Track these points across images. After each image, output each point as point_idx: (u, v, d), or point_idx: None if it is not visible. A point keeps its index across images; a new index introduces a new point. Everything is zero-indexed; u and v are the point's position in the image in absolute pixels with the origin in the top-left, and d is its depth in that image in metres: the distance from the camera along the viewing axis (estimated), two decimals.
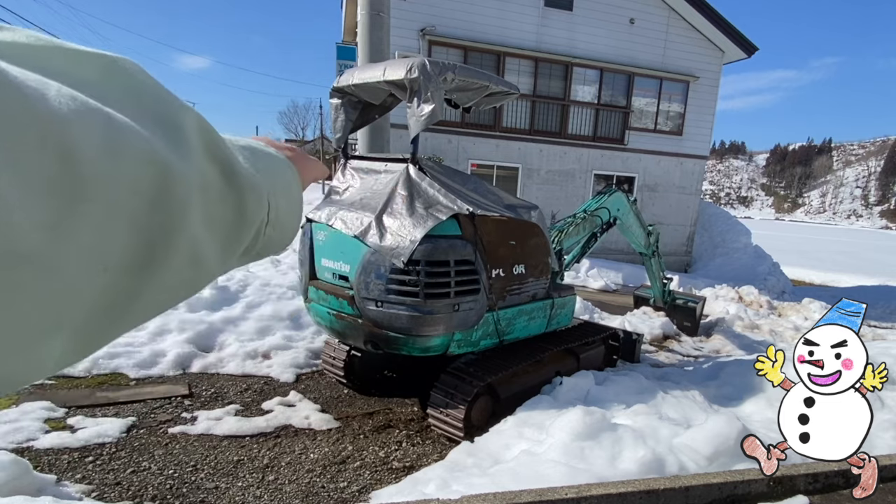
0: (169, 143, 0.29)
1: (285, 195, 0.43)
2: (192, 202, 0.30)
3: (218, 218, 0.34)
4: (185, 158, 0.30)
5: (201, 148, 0.32)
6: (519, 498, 2.25)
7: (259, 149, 0.42)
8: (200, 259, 0.32)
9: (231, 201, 0.35)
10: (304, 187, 0.50)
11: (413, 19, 10.41)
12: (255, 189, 0.37)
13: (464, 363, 3.38)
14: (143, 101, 0.30)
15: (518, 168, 11.86)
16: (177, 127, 0.31)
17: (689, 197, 13.31)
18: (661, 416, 3.14)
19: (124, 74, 0.30)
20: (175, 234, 0.29)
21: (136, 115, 0.28)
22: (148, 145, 0.27)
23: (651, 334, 6.03)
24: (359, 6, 5.27)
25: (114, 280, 0.26)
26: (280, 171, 0.44)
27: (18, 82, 0.22)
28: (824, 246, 32.26)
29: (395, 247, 2.91)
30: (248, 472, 2.79)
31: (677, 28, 12.22)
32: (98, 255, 0.24)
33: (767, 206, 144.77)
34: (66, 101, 0.23)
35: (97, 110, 0.25)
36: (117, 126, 0.25)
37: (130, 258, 0.26)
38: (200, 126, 0.33)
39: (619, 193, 5.17)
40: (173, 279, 0.30)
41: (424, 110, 2.91)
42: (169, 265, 0.29)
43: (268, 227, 0.40)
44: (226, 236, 0.35)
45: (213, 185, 0.33)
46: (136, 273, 0.27)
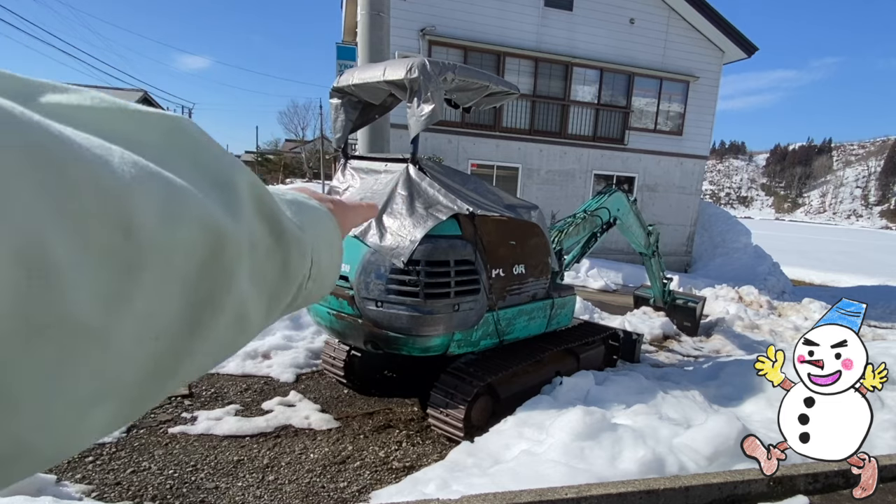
0: (223, 205, 0.29)
1: (327, 249, 0.43)
2: (242, 262, 0.30)
3: (264, 275, 0.34)
4: (237, 219, 0.30)
5: (252, 207, 0.33)
6: (519, 498, 2.25)
7: (303, 202, 0.43)
8: (246, 318, 0.32)
9: (277, 258, 0.35)
10: (344, 236, 0.50)
11: (413, 19, 10.41)
12: (299, 245, 0.37)
13: (464, 363, 3.38)
14: (201, 162, 0.30)
15: (518, 168, 11.86)
16: (231, 187, 0.31)
17: (689, 197, 13.32)
18: (661, 416, 3.14)
19: (184, 136, 0.31)
20: (224, 296, 0.29)
21: (194, 178, 0.28)
22: (204, 209, 0.27)
23: (651, 334, 6.03)
24: (359, 6, 5.27)
25: (163, 346, 0.25)
26: (323, 225, 0.44)
27: (83, 151, 0.22)
28: (824, 246, 32.27)
29: (395, 247, 2.91)
30: (248, 472, 2.79)
31: (677, 28, 12.22)
32: (150, 322, 0.24)
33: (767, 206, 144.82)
34: (129, 168, 0.24)
35: (158, 176, 0.25)
36: (176, 192, 0.26)
37: (180, 323, 0.26)
38: (252, 184, 0.34)
39: (619, 193, 5.17)
40: (219, 340, 0.30)
41: (424, 110, 2.91)
42: (216, 326, 0.29)
43: (309, 282, 0.40)
44: (270, 293, 0.35)
45: (261, 243, 0.33)
46: (184, 337, 0.27)
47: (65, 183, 0.20)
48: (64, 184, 0.20)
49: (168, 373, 0.27)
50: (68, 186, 0.20)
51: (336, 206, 0.50)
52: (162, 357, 0.26)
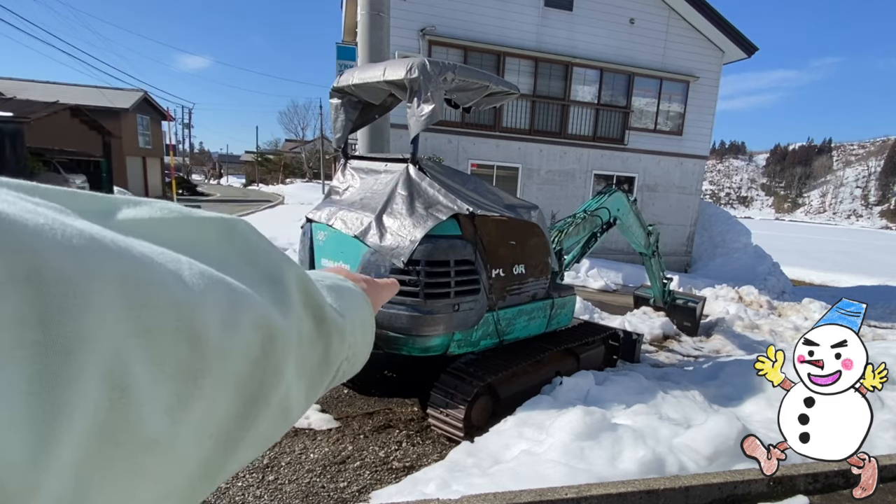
0: (275, 301, 0.31)
1: (362, 330, 0.44)
2: (290, 355, 0.31)
3: (308, 364, 0.35)
4: (286, 315, 0.31)
5: (300, 300, 0.34)
6: (519, 498, 2.25)
7: (343, 287, 0.44)
8: (289, 408, 0.33)
9: (320, 347, 0.36)
10: (375, 313, 0.52)
11: (413, 19, 10.41)
12: (340, 330, 0.39)
13: (464, 363, 3.38)
14: (254, 261, 0.32)
15: (518, 168, 11.86)
16: (282, 283, 0.33)
17: (689, 197, 13.31)
18: (661, 416, 3.14)
19: (240, 237, 0.32)
20: (273, 390, 0.30)
21: (249, 277, 0.30)
22: (260, 311, 0.28)
23: (651, 334, 6.03)
24: (359, 6, 5.27)
25: (216, 444, 0.26)
26: (360, 308, 0.45)
27: (161, 269, 0.23)
28: (824, 246, 32.26)
29: (395, 247, 2.91)
30: (248, 472, 2.79)
31: (677, 28, 12.22)
32: (207, 424, 0.25)
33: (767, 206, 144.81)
34: (197, 279, 0.25)
35: (221, 283, 0.27)
36: (237, 298, 0.27)
37: (231, 420, 0.27)
38: (300, 277, 0.35)
39: (619, 193, 5.18)
40: (264, 432, 0.31)
41: (424, 110, 2.91)
42: (263, 420, 0.30)
43: (345, 363, 0.42)
44: (311, 378, 0.36)
45: (305, 334, 0.34)
46: (234, 433, 0.28)
47: (147, 303, 0.22)
48: (146, 304, 0.22)
49: (218, 469, 0.27)
50: (150, 306, 0.22)
51: (369, 285, 0.52)
52: (215, 455, 0.26)
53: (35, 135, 15.92)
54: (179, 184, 25.77)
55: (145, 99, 27.68)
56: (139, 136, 27.37)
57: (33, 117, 16.10)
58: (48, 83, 26.12)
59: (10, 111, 15.33)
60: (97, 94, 25.31)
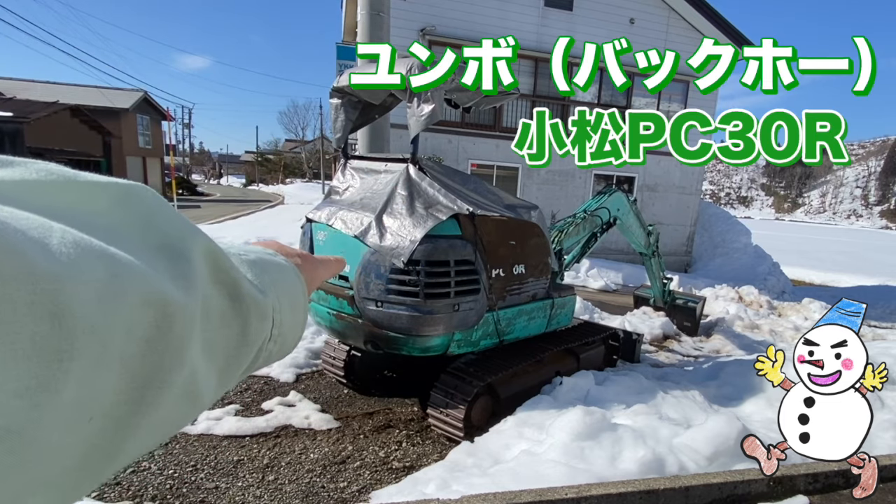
0: (173, 276, 0.28)
1: (291, 308, 0.41)
2: (194, 334, 0.29)
3: (219, 344, 0.32)
4: (188, 290, 0.29)
5: (207, 274, 0.32)
6: (519, 498, 2.25)
7: (268, 260, 0.41)
8: (196, 392, 0.30)
9: (235, 325, 0.34)
10: (310, 292, 0.49)
11: (413, 19, 10.41)
12: (260, 308, 0.36)
13: (464, 363, 3.38)
14: (152, 230, 0.30)
15: (518, 168, 11.86)
16: (183, 255, 0.30)
17: (689, 197, 13.31)
18: (661, 416, 3.14)
19: (136, 205, 0.30)
20: (171, 372, 0.27)
21: (141, 247, 0.28)
22: (148, 286, 0.26)
23: (651, 334, 6.03)
24: (359, 6, 5.27)
25: (99, 428, 0.24)
26: (288, 283, 0.42)
27: (17, 237, 0.21)
28: (824, 246, 32.25)
29: (395, 247, 2.91)
30: (248, 472, 2.79)
31: (677, 28, 12.22)
32: (83, 407, 0.23)
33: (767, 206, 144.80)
34: (68, 250, 0.23)
35: (99, 255, 0.24)
36: (118, 270, 0.24)
37: (120, 404, 0.25)
38: (208, 251, 0.33)
39: (619, 193, 5.18)
40: (166, 416, 0.28)
41: (424, 110, 2.91)
42: (162, 403, 0.27)
43: (270, 343, 0.39)
44: (226, 360, 0.34)
45: (215, 311, 0.32)
46: (125, 417, 0.25)
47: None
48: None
49: (106, 455, 0.25)
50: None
51: (304, 260, 0.49)
52: (100, 441, 0.24)
53: (35, 135, 15.92)
54: (179, 184, 25.76)
55: (145, 99, 27.69)
56: (139, 136, 27.37)
57: (33, 117, 16.10)
58: (48, 83, 26.12)
59: (10, 111, 15.32)
60: (97, 94, 25.31)
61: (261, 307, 0.36)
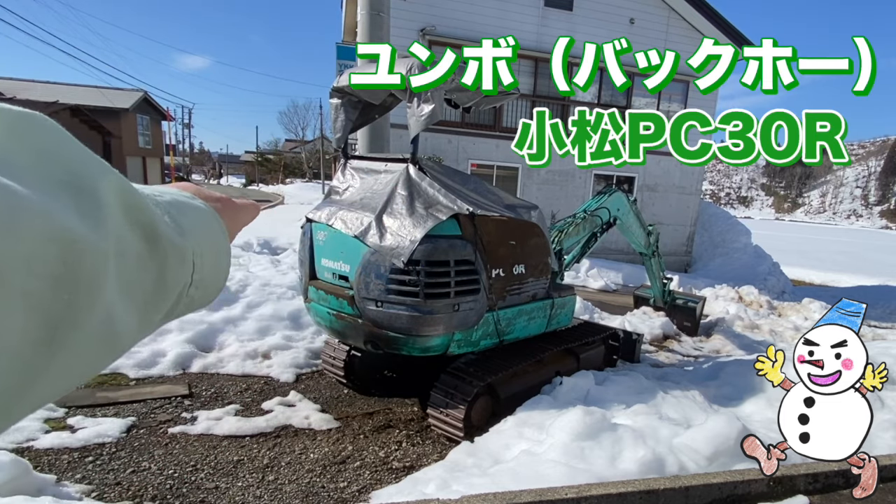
0: (79, 213, 0.27)
1: (211, 252, 0.40)
2: (106, 274, 0.28)
3: (136, 285, 0.32)
4: (97, 228, 0.28)
5: (119, 213, 0.30)
6: (519, 498, 2.25)
7: (186, 203, 0.40)
8: (114, 331, 0.30)
9: (152, 267, 0.33)
10: (232, 237, 0.47)
11: (413, 19, 10.41)
12: (178, 251, 0.35)
13: (464, 363, 3.38)
14: (52, 163, 0.28)
15: (518, 168, 11.85)
16: (90, 192, 0.28)
17: (689, 197, 13.31)
18: (661, 416, 3.14)
19: (33, 134, 0.28)
20: (84, 310, 0.26)
21: (42, 182, 0.26)
22: (48, 220, 0.24)
23: (651, 334, 6.03)
24: (359, 6, 5.27)
25: (5, 369, 0.23)
26: (207, 227, 0.41)
27: None
28: (824, 246, 32.25)
29: (395, 247, 2.91)
30: (248, 472, 2.79)
31: (677, 28, 12.22)
32: None
33: (767, 206, 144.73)
34: None
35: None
36: (13, 203, 0.23)
37: (27, 343, 0.24)
38: (119, 189, 0.31)
39: (619, 193, 5.18)
40: (82, 357, 0.28)
41: (424, 110, 2.91)
42: (76, 343, 0.27)
43: (191, 288, 0.38)
44: (144, 303, 0.33)
45: (131, 252, 0.31)
46: (36, 357, 0.25)
47: None
48: None
49: (16, 395, 0.25)
50: None
51: (224, 204, 0.48)
52: (6, 380, 0.23)
53: None
54: None
55: (145, 99, 27.68)
56: (139, 136, 27.37)
57: None
58: (48, 83, 26.12)
59: None
60: (97, 94, 25.31)
61: (179, 250, 0.35)
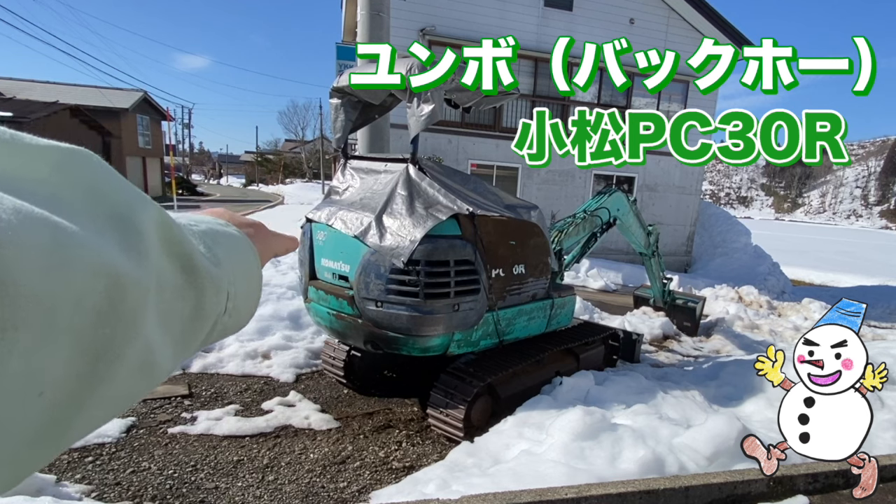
0: (123, 247, 0.27)
1: (245, 280, 0.41)
2: (146, 307, 0.28)
3: (174, 316, 0.32)
4: (140, 262, 0.28)
5: (159, 246, 0.31)
6: (519, 498, 2.25)
7: (220, 231, 0.41)
8: (151, 364, 0.30)
9: (190, 298, 0.33)
10: (263, 264, 0.47)
11: (413, 19, 10.41)
12: (214, 282, 0.36)
13: (464, 363, 3.38)
14: (98, 198, 0.28)
15: (518, 168, 11.86)
16: (133, 226, 0.29)
17: (689, 197, 13.31)
18: (661, 416, 3.14)
19: (82, 171, 0.28)
20: (125, 345, 0.27)
21: (88, 217, 0.26)
22: (97, 257, 0.25)
23: (651, 334, 6.03)
24: (359, 6, 5.27)
25: (50, 402, 0.23)
26: (241, 254, 0.42)
27: None
28: (824, 246, 32.25)
29: (394, 247, 2.91)
30: (248, 472, 2.79)
31: (677, 28, 12.22)
32: (31, 380, 0.22)
33: (767, 206, 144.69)
34: (8, 216, 0.21)
35: (42, 223, 0.23)
36: (63, 240, 0.23)
37: (72, 377, 0.24)
38: (159, 221, 0.32)
39: (618, 193, 5.18)
40: (120, 389, 0.28)
41: (424, 110, 2.91)
42: (116, 376, 0.27)
43: (224, 316, 0.38)
44: (181, 333, 0.33)
45: (169, 284, 0.31)
46: (77, 391, 0.25)
47: None
48: None
49: (59, 428, 0.25)
50: None
51: (257, 230, 0.48)
52: (48, 413, 0.23)
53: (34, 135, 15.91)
54: (179, 184, 25.77)
55: (145, 99, 27.67)
56: (139, 136, 27.36)
57: (33, 117, 16.09)
58: (48, 83, 26.12)
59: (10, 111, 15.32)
60: (97, 94, 25.30)
61: (215, 281, 0.36)
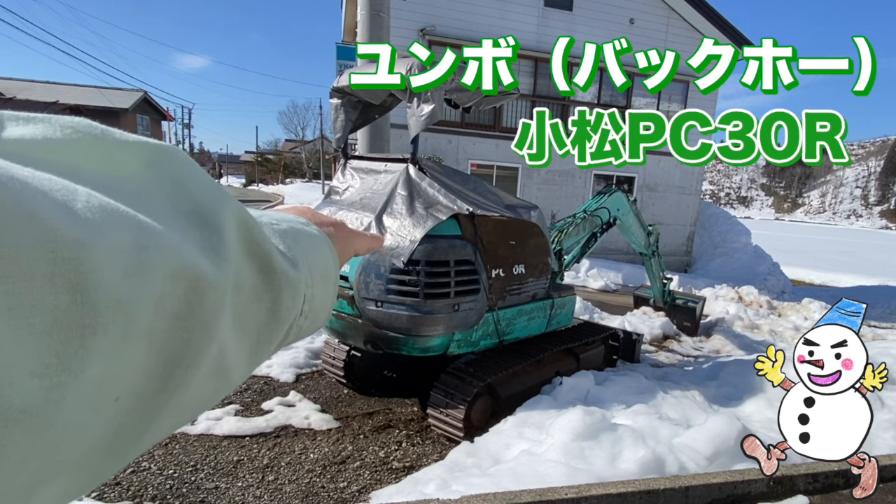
0: (204, 247, 0.27)
1: (322, 282, 0.40)
2: (223, 310, 0.27)
3: (250, 319, 0.31)
4: (219, 262, 0.27)
5: (239, 246, 0.30)
6: (519, 498, 2.25)
7: (301, 231, 0.40)
8: (226, 369, 0.29)
9: (266, 300, 0.32)
10: (342, 264, 0.46)
11: (413, 19, 10.41)
12: (292, 284, 0.35)
13: (463, 363, 3.38)
14: (182, 196, 0.28)
15: (518, 168, 11.86)
16: (215, 225, 0.28)
17: (689, 197, 13.31)
18: (661, 416, 3.14)
19: (169, 167, 0.28)
20: (201, 349, 0.26)
21: (171, 214, 0.26)
22: (178, 259, 0.24)
23: (651, 334, 6.03)
24: (359, 6, 5.27)
25: (125, 408, 0.23)
26: (321, 256, 0.41)
27: (38, 200, 0.19)
28: (824, 246, 32.26)
29: (394, 247, 2.91)
30: (248, 472, 2.79)
31: (677, 28, 12.22)
32: (108, 386, 0.21)
33: (767, 206, 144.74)
34: (94, 215, 0.21)
35: (127, 222, 0.22)
36: (146, 240, 0.23)
37: (147, 382, 0.23)
38: (240, 220, 0.31)
39: (618, 193, 5.18)
40: (195, 395, 0.27)
41: (424, 110, 2.91)
42: (191, 381, 0.26)
43: (300, 318, 0.37)
44: (257, 335, 0.32)
45: (247, 285, 0.30)
46: (153, 396, 0.24)
47: (8, 241, 0.18)
48: (5, 241, 0.17)
49: (133, 435, 0.24)
50: (11, 245, 0.18)
51: (338, 229, 0.46)
52: (123, 419, 0.23)
53: None
54: None
55: (145, 99, 27.69)
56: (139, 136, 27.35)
57: None
58: (48, 83, 26.13)
59: None
60: (97, 94, 25.32)
61: (293, 283, 0.35)
